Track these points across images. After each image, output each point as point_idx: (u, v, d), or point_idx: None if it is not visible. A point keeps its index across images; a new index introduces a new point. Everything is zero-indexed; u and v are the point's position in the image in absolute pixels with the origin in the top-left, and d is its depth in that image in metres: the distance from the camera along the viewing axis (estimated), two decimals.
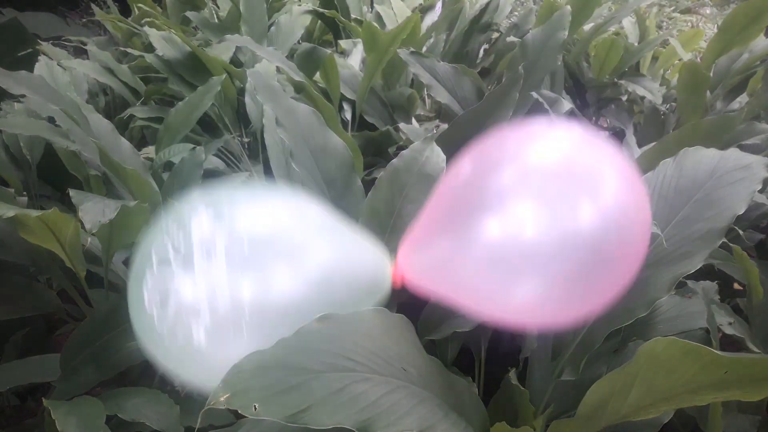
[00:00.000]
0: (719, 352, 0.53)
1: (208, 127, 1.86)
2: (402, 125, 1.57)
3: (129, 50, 2.03)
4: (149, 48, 1.97)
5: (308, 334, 0.56)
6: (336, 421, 0.52)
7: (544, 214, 0.57)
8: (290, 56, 1.92)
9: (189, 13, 2.26)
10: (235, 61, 2.00)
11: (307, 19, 2.16)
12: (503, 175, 0.62)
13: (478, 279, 0.61)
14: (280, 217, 0.64)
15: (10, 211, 0.83)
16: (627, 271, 0.62)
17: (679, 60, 2.25)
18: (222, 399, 0.49)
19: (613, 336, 0.85)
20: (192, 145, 1.39)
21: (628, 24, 2.44)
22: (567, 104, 1.69)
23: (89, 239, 1.18)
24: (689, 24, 4.90)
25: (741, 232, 1.26)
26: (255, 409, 0.49)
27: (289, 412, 0.51)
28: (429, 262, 0.66)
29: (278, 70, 1.80)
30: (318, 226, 0.67)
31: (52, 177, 1.57)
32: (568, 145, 0.62)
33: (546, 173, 0.60)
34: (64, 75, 1.71)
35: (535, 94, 1.54)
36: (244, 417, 0.81)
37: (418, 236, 0.70)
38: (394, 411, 0.57)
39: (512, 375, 0.83)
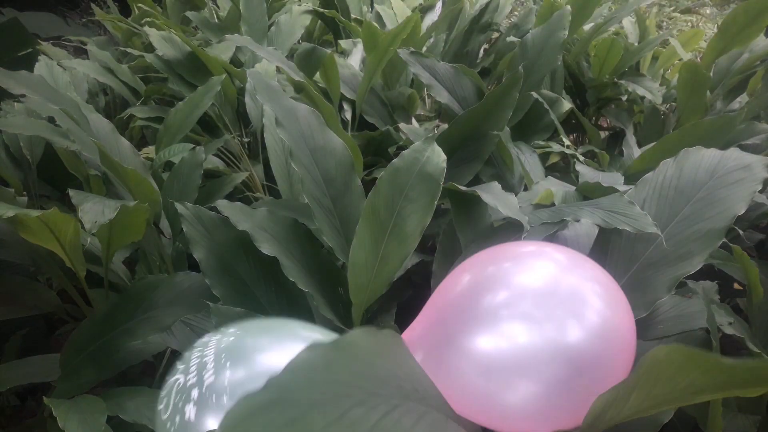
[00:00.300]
0: (721, 358, 0.53)
1: (208, 127, 1.86)
2: (402, 125, 1.57)
3: (129, 50, 2.03)
4: (149, 48, 1.97)
5: (298, 366, 0.56)
6: None
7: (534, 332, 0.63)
8: (290, 56, 1.92)
9: (189, 13, 2.27)
10: (235, 61, 2.00)
11: (307, 19, 2.16)
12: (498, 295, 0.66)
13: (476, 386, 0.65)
14: None
15: (10, 211, 0.83)
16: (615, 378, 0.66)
17: (679, 60, 2.25)
18: None
19: None
20: (192, 145, 1.39)
21: (628, 24, 2.44)
22: (567, 104, 1.70)
23: (89, 239, 1.18)
24: (689, 24, 4.90)
25: (741, 232, 1.26)
26: None
27: None
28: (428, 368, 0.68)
29: (278, 70, 1.80)
30: None
31: (52, 177, 1.57)
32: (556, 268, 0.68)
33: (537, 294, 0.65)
34: (64, 75, 1.71)
35: (535, 94, 1.54)
36: None
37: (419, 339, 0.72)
38: (398, 430, 0.57)
39: None
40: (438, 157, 0.97)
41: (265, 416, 0.51)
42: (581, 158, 1.42)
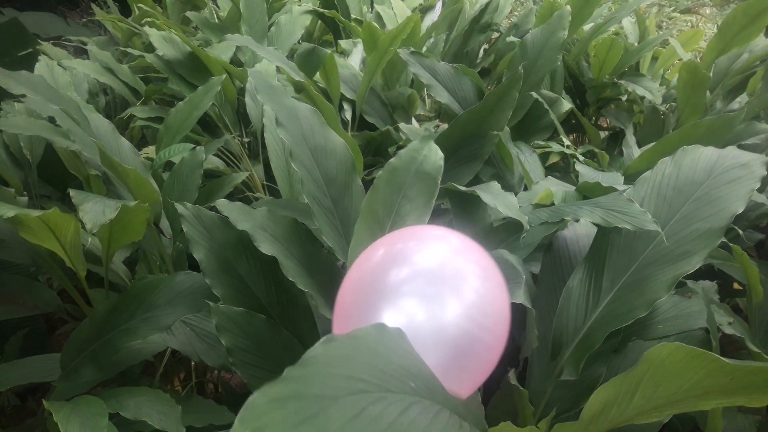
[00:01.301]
0: (725, 359, 0.53)
1: (208, 127, 1.86)
2: (402, 125, 1.57)
3: (129, 50, 2.03)
4: (149, 48, 1.97)
5: (315, 359, 0.56)
6: None
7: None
8: (290, 56, 1.92)
9: (189, 13, 2.27)
10: (235, 61, 2.00)
11: (307, 19, 2.17)
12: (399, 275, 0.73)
13: None
14: None
15: (10, 211, 0.83)
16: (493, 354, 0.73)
17: (679, 60, 2.25)
18: None
19: (613, 336, 0.85)
20: (192, 145, 1.39)
21: (628, 24, 2.44)
22: (567, 104, 1.70)
23: (89, 239, 1.18)
24: (689, 24, 4.90)
25: (741, 232, 1.26)
26: None
27: None
28: None
29: (278, 70, 1.80)
30: None
31: (53, 177, 1.57)
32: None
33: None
34: (64, 75, 1.71)
35: (535, 94, 1.54)
36: None
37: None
38: (414, 428, 0.57)
39: (512, 375, 0.83)
40: (435, 155, 0.97)
41: (283, 410, 0.51)
42: (581, 158, 1.42)
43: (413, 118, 1.89)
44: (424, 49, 2.18)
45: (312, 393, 0.53)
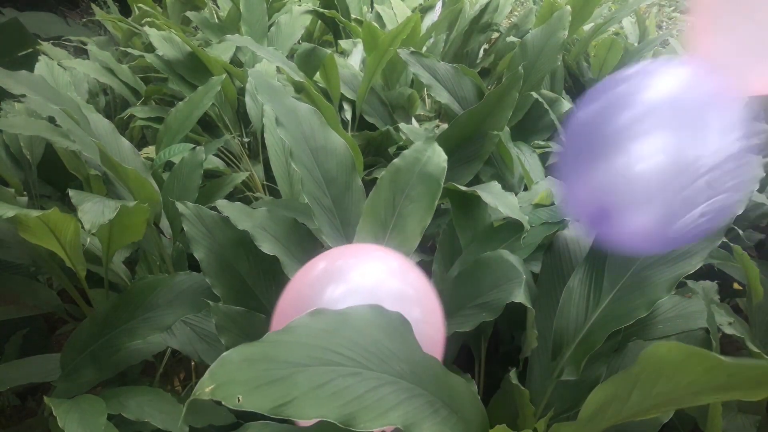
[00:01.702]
0: (722, 357, 0.53)
1: (208, 127, 1.86)
2: (402, 125, 1.57)
3: (129, 50, 2.03)
4: (149, 48, 1.97)
5: (298, 328, 0.57)
6: (319, 414, 0.53)
7: None
8: (290, 56, 1.92)
9: (189, 13, 2.27)
10: (235, 61, 2.00)
11: (307, 19, 2.17)
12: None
13: None
14: None
15: (10, 211, 0.83)
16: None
17: None
18: (207, 390, 0.50)
19: (614, 336, 0.85)
20: (192, 145, 1.38)
21: (628, 24, 2.44)
22: (567, 104, 1.70)
23: (89, 239, 1.18)
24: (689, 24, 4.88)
25: (741, 232, 1.26)
26: (238, 400, 0.50)
27: (271, 405, 0.51)
28: None
29: (278, 70, 1.80)
30: None
31: (53, 177, 1.57)
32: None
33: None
34: (64, 75, 1.71)
35: (535, 94, 1.54)
36: (248, 418, 0.81)
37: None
38: (380, 406, 0.57)
39: (512, 375, 0.83)
40: (439, 157, 0.97)
41: (252, 370, 0.52)
42: None
43: (413, 118, 1.89)
44: (424, 49, 2.18)
45: (284, 358, 0.55)
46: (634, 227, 0.69)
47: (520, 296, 0.84)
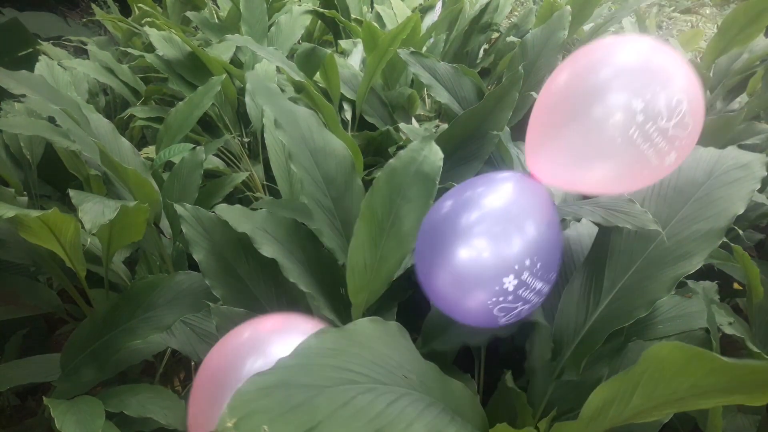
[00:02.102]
0: (724, 358, 0.53)
1: (208, 127, 1.86)
2: (402, 125, 1.57)
3: (129, 50, 2.03)
4: (149, 48, 1.97)
5: (307, 350, 0.56)
6: None
7: None
8: (290, 56, 1.92)
9: (189, 13, 2.26)
10: (236, 61, 2.00)
11: (307, 19, 2.17)
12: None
13: None
14: None
15: (10, 212, 0.83)
16: None
17: None
18: (230, 425, 0.49)
19: (614, 336, 0.85)
20: (192, 145, 1.39)
21: (628, 24, 2.43)
22: None
23: (89, 239, 1.18)
24: (689, 24, 4.90)
25: (741, 232, 1.26)
26: (265, 431, 0.49)
27: (299, 431, 0.51)
28: None
29: (278, 70, 1.80)
30: None
31: (53, 177, 1.57)
32: None
33: None
34: (64, 75, 1.71)
35: (534, 94, 1.54)
36: None
37: None
38: (403, 419, 0.57)
39: (508, 377, 0.83)
40: (435, 156, 0.96)
41: (271, 398, 0.52)
42: None
43: (413, 118, 1.89)
44: (424, 49, 2.18)
45: (300, 382, 0.54)
46: (465, 311, 0.79)
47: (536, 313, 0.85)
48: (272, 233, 0.95)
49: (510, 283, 0.74)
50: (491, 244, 0.75)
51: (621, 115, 0.71)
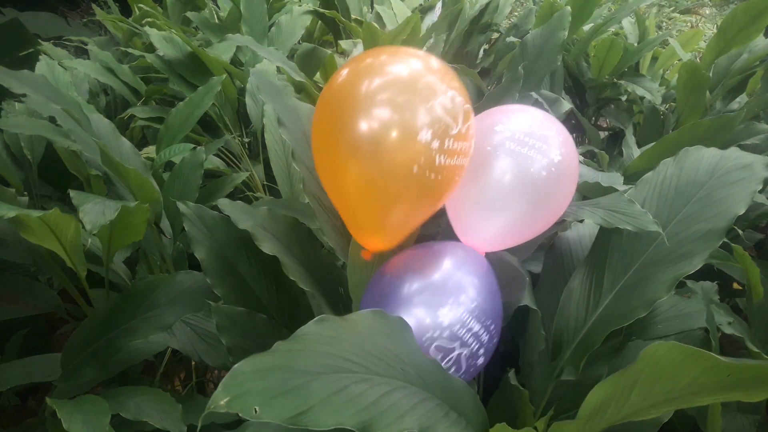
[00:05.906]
0: (721, 357, 0.53)
1: (208, 127, 1.86)
2: None
3: (130, 50, 2.03)
4: (150, 48, 1.97)
5: (306, 336, 0.57)
6: (337, 422, 0.52)
7: None
8: (290, 56, 1.92)
9: (189, 14, 2.27)
10: (236, 62, 2.00)
11: (308, 20, 2.17)
12: None
13: None
14: None
15: (11, 212, 0.83)
16: None
17: (679, 60, 2.26)
18: (222, 403, 0.49)
19: (614, 336, 0.85)
20: (192, 145, 1.39)
21: (628, 24, 2.44)
22: (567, 104, 1.70)
23: (90, 239, 1.18)
24: (689, 24, 4.90)
25: (741, 232, 1.26)
26: (255, 411, 0.50)
27: (289, 414, 0.51)
28: None
29: (279, 70, 1.80)
30: None
31: (53, 177, 1.57)
32: None
33: None
34: (65, 75, 1.71)
35: (534, 94, 1.54)
36: None
37: None
38: (394, 411, 0.58)
39: (511, 375, 0.83)
40: None
41: (266, 380, 0.52)
42: (581, 158, 1.42)
43: None
44: (424, 49, 2.18)
45: (297, 367, 0.55)
46: None
47: (526, 299, 0.84)
48: (273, 231, 0.95)
49: (445, 315, 0.76)
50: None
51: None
